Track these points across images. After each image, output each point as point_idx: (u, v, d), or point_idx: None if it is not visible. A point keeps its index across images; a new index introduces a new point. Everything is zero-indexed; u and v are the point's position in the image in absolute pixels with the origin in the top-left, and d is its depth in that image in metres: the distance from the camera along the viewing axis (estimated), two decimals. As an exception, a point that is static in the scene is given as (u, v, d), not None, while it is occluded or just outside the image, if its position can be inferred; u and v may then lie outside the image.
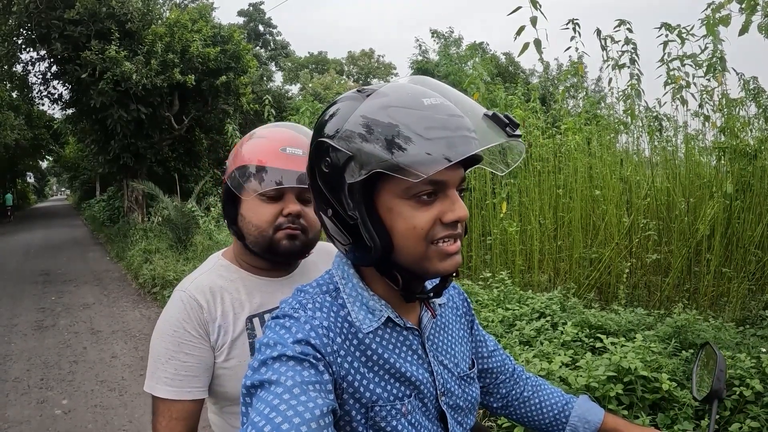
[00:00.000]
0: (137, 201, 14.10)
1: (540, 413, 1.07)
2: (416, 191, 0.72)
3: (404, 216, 0.74)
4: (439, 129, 0.70)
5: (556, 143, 5.79)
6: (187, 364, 1.15)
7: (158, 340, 1.18)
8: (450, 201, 0.74)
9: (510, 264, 5.11)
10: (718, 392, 0.98)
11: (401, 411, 0.79)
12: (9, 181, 32.09)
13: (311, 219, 1.20)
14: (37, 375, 4.74)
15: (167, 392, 1.14)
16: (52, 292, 8.33)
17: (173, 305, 1.20)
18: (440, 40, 23.35)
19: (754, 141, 4.58)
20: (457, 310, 1.00)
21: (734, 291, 3.94)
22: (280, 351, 0.69)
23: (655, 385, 2.41)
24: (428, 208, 0.74)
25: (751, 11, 3.14)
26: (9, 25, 11.96)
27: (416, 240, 0.74)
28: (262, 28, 39.02)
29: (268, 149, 1.19)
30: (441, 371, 0.87)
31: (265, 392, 0.65)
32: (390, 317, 0.81)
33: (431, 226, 0.74)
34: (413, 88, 0.75)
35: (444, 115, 0.71)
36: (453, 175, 0.74)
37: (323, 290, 0.82)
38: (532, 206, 5.30)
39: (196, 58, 12.63)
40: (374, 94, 0.75)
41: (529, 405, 1.09)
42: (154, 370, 1.16)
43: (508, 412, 1.11)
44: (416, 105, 0.71)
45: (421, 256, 0.75)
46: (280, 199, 1.18)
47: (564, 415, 1.06)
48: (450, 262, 0.76)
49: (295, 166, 1.17)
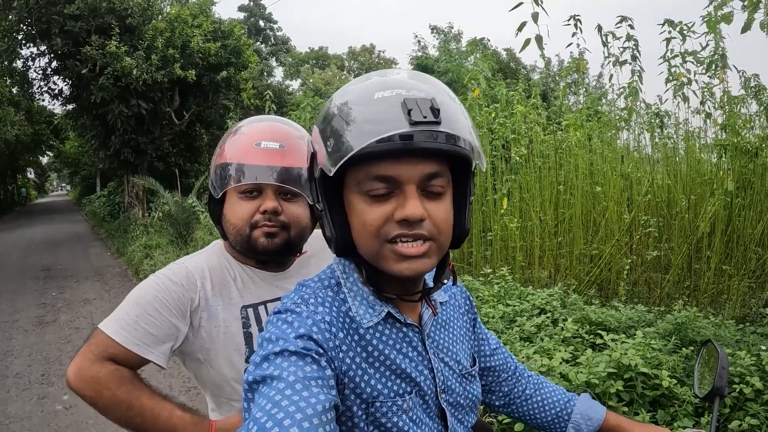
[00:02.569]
0: (138, 196, 14.09)
1: (542, 411, 1.07)
2: (367, 187, 0.72)
3: (357, 211, 0.74)
4: (372, 123, 0.68)
5: (557, 140, 5.78)
6: (150, 319, 1.12)
7: (138, 288, 1.16)
8: (404, 198, 0.71)
9: (510, 260, 5.12)
10: (720, 390, 0.98)
11: (402, 407, 0.78)
12: (10, 177, 32.11)
13: (293, 215, 1.17)
14: (38, 371, 4.76)
15: (118, 334, 1.10)
16: (53, 287, 8.35)
17: (169, 269, 1.20)
18: (440, 36, 23.29)
19: (755, 138, 4.57)
20: (459, 308, 0.99)
21: (734, 288, 3.94)
22: (283, 346, 0.69)
23: (655, 382, 2.42)
24: (381, 205, 0.72)
25: (753, 9, 3.13)
26: (9, 21, 11.92)
27: (368, 236, 0.73)
28: (262, 24, 38.92)
29: (243, 145, 1.17)
30: (441, 368, 0.87)
31: (267, 388, 0.64)
32: (390, 312, 0.81)
33: (382, 224, 0.72)
34: (375, 83, 0.74)
35: (386, 107, 0.68)
36: (407, 171, 0.70)
37: (325, 285, 0.82)
38: (532, 202, 5.30)
39: (197, 54, 12.60)
40: (341, 92, 0.77)
41: (531, 403, 1.09)
42: (118, 312, 1.14)
43: (510, 410, 1.11)
44: (365, 100, 0.71)
45: (376, 254, 0.74)
46: (259, 195, 1.16)
47: (566, 412, 1.06)
48: (406, 265, 0.72)
49: (271, 161, 1.14)
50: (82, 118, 13.74)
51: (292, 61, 38.99)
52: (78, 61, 11.64)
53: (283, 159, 1.15)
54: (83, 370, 1.08)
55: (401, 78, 0.74)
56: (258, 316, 1.21)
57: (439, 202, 0.74)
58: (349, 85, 0.78)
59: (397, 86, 0.71)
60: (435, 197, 0.74)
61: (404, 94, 0.69)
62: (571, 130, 5.64)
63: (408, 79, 0.74)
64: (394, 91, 0.70)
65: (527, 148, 5.69)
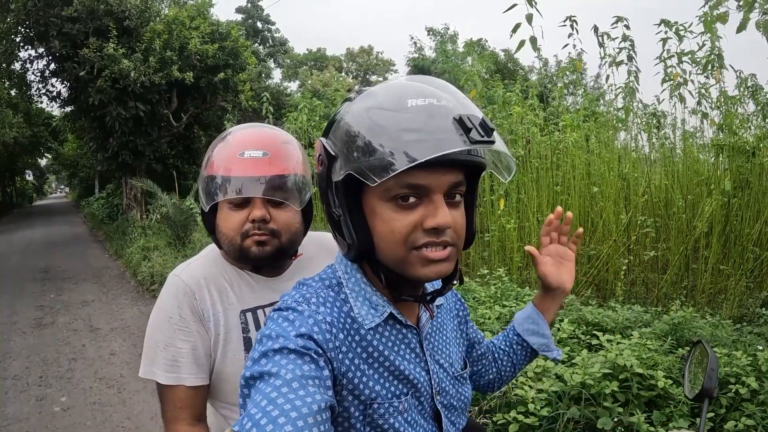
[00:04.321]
0: (136, 198, 14.08)
1: (507, 360, 1.12)
2: (395, 194, 0.71)
3: (384, 218, 0.73)
4: (412, 132, 0.67)
5: (554, 140, 5.79)
6: (183, 351, 1.14)
7: (154, 327, 1.17)
8: (433, 207, 0.72)
9: (508, 261, 5.12)
10: (709, 391, 0.99)
11: (398, 409, 0.79)
12: (8, 179, 32.11)
13: (282, 222, 1.17)
14: (36, 372, 4.75)
15: (166, 379, 1.13)
16: (52, 289, 8.34)
17: (167, 292, 1.19)
18: (436, 37, 23.30)
19: (752, 138, 4.58)
20: (451, 311, 1.00)
21: (732, 288, 3.95)
22: (282, 343, 0.69)
23: (650, 383, 2.42)
24: (409, 213, 0.72)
25: (748, 8, 3.14)
26: (7, 23, 11.91)
27: (395, 244, 0.73)
28: (260, 25, 38.91)
29: (228, 156, 1.16)
30: (437, 371, 0.87)
31: (264, 384, 0.64)
32: (392, 313, 0.81)
33: (410, 231, 0.72)
34: (404, 88, 0.73)
35: (424, 117, 0.68)
36: (437, 180, 0.71)
37: (326, 285, 0.82)
38: (530, 203, 5.30)
39: (195, 55, 12.60)
40: (365, 95, 0.76)
41: (504, 361, 1.13)
42: (152, 357, 1.15)
43: (502, 381, 1.15)
44: (398, 107, 0.70)
45: (401, 260, 0.74)
46: (247, 205, 1.16)
47: (515, 340, 1.12)
48: (432, 269, 0.74)
49: (256, 170, 1.13)
50: (81, 120, 13.75)
51: (290, 63, 39.00)
52: (76, 63, 11.64)
53: (269, 167, 1.14)
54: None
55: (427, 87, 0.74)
56: (257, 320, 1.21)
57: (458, 209, 0.76)
58: (372, 89, 0.77)
59: (428, 95, 0.71)
60: (455, 204, 0.75)
61: (440, 104, 0.70)
62: (568, 131, 5.64)
63: (432, 88, 0.74)
64: (426, 100, 0.70)
65: (524, 149, 5.70)
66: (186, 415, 1.14)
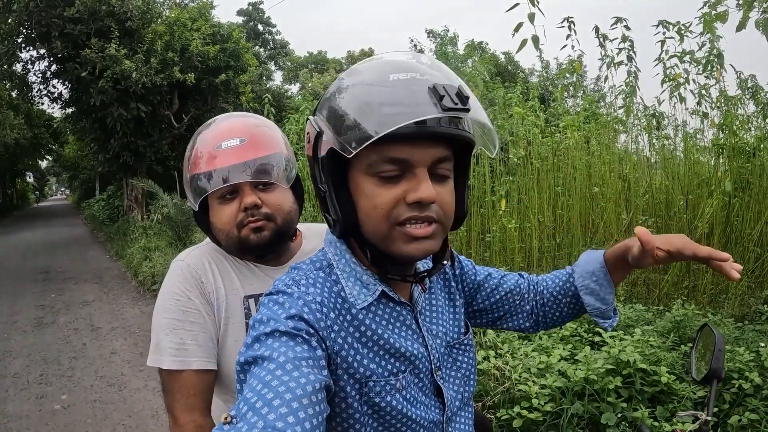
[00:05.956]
0: (137, 199, 14.09)
1: (558, 307, 1.03)
2: (378, 169, 0.72)
3: (367, 193, 0.74)
4: (392, 105, 0.68)
5: (555, 141, 5.79)
6: (192, 333, 1.12)
7: (161, 312, 1.15)
8: (416, 180, 0.71)
9: (509, 261, 5.12)
10: (717, 371, 0.99)
11: (395, 386, 0.79)
12: (9, 181, 32.09)
13: (274, 204, 1.17)
14: (36, 371, 4.75)
15: (173, 363, 1.10)
16: (52, 289, 8.34)
17: (173, 275, 1.18)
18: (436, 40, 23.33)
19: (753, 139, 4.58)
20: (438, 281, 0.97)
21: (733, 288, 3.94)
22: (273, 326, 0.69)
23: (654, 378, 2.42)
24: (392, 187, 0.72)
25: (748, 7, 3.15)
26: (9, 24, 11.95)
27: (378, 219, 0.73)
28: (261, 28, 39.00)
29: (206, 151, 1.16)
30: (436, 345, 0.87)
31: (258, 368, 0.65)
32: (384, 291, 0.81)
33: (393, 206, 0.72)
34: (388, 64, 0.74)
35: (405, 90, 0.69)
36: (420, 154, 0.71)
37: (316, 267, 0.82)
38: (531, 204, 5.30)
39: (196, 57, 12.64)
40: (350, 71, 0.78)
41: (549, 307, 1.04)
42: (158, 342, 1.13)
43: (540, 326, 1.06)
44: (380, 81, 0.71)
45: (385, 236, 0.74)
46: (237, 195, 1.15)
47: (572, 290, 1.01)
48: (415, 246, 0.73)
49: (238, 157, 1.13)
50: (82, 122, 13.77)
51: (290, 65, 39.05)
52: (77, 64, 11.67)
53: (251, 152, 1.14)
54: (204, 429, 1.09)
55: (413, 62, 0.74)
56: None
57: (445, 186, 0.75)
58: (358, 65, 0.79)
59: (411, 69, 0.71)
60: (442, 180, 0.75)
61: (422, 78, 0.70)
62: (569, 132, 5.65)
63: (417, 63, 0.74)
64: (408, 74, 0.70)
65: (525, 150, 5.70)
66: (200, 403, 1.10)
